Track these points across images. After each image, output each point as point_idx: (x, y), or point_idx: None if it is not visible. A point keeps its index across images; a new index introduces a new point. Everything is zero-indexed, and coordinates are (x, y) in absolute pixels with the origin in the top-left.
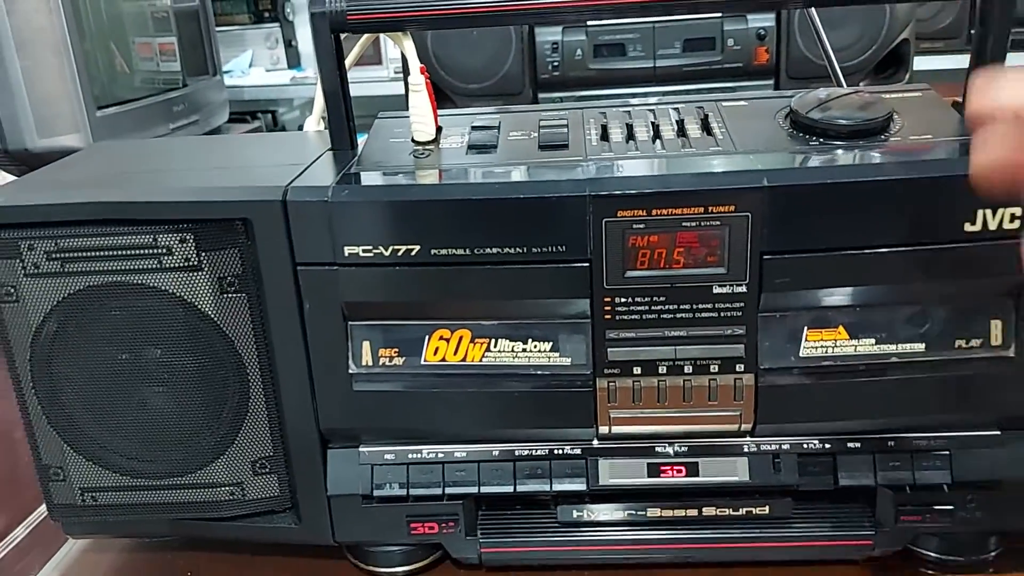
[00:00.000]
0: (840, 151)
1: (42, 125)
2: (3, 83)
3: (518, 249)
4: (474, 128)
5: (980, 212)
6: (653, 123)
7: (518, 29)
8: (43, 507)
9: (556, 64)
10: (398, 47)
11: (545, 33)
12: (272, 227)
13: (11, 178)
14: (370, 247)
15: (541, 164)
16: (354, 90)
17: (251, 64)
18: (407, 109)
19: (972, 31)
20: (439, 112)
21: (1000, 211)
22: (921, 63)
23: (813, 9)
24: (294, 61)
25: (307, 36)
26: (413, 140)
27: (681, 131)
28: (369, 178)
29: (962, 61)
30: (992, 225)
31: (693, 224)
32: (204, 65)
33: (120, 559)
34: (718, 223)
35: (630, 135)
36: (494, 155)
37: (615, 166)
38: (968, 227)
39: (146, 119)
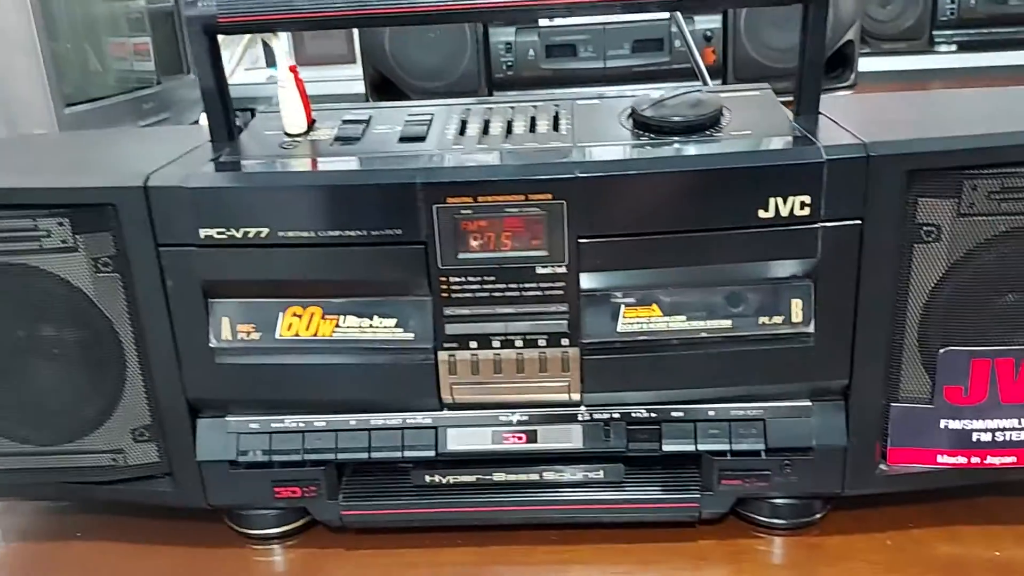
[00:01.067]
0: (665, 146)
1: (10, 122)
2: None
3: (358, 232)
4: (344, 121)
5: (772, 200)
6: (509, 120)
7: (473, 29)
8: None
9: (510, 64)
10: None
11: (499, 33)
12: (135, 211)
13: None
14: (224, 229)
15: (391, 154)
16: (326, 88)
17: (237, 63)
18: None
19: (933, 32)
20: (318, 106)
21: (791, 199)
22: (879, 64)
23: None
24: (272, 60)
25: (286, 35)
26: (285, 132)
27: (532, 127)
28: (227, 166)
29: (922, 62)
30: (784, 212)
31: (515, 210)
32: (178, 64)
33: (16, 521)
34: (538, 210)
35: (485, 130)
36: (355, 146)
37: (454, 157)
38: (762, 213)
39: (115, 116)
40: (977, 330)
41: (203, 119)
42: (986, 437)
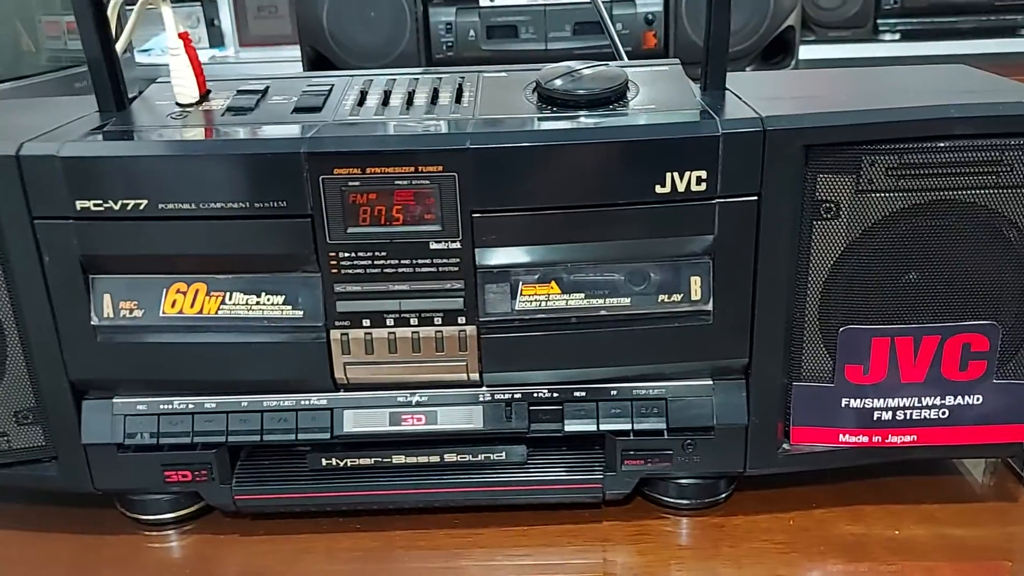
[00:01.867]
0: (566, 119)
1: None
2: None
3: (241, 204)
4: (239, 92)
5: (669, 175)
6: (411, 91)
7: (412, 9)
8: None
9: (450, 44)
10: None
11: (439, 13)
12: (8, 181)
13: None
14: (101, 201)
15: (283, 124)
16: (271, 69)
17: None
18: None
19: (877, 21)
20: (211, 77)
21: (687, 174)
22: (823, 51)
23: None
24: (216, 40)
25: (229, 15)
26: (176, 103)
27: (434, 99)
28: (110, 135)
29: (866, 50)
30: (680, 187)
31: (406, 183)
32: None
33: None
34: (429, 182)
35: (385, 101)
36: (247, 117)
37: (343, 127)
38: (659, 188)
39: (45, 93)
40: (877, 308)
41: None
42: (887, 416)
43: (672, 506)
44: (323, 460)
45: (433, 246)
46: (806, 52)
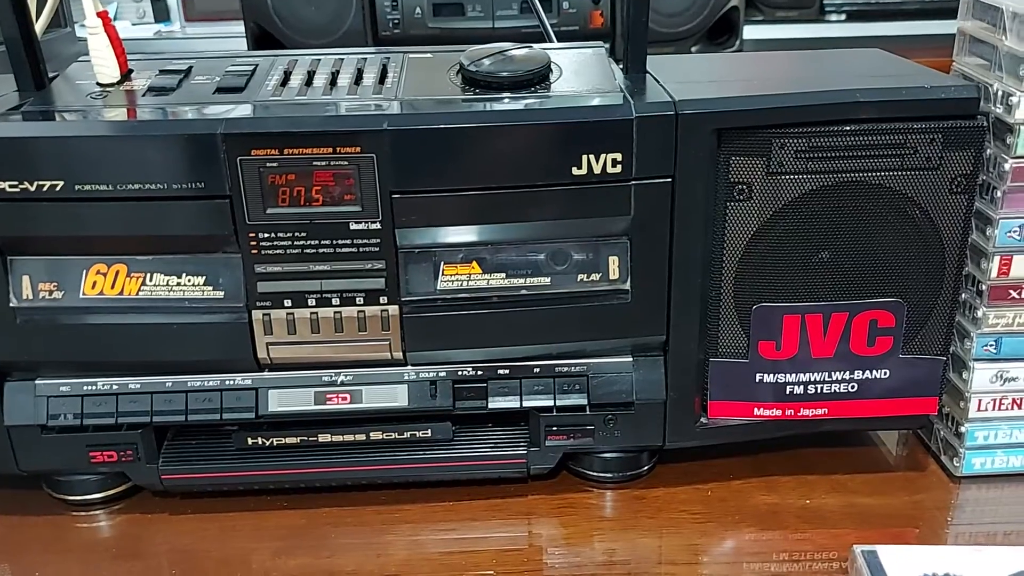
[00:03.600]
0: (486, 101)
1: None
2: None
3: (159, 185)
4: (161, 72)
5: (585, 157)
6: (335, 72)
7: None
8: None
9: (396, 22)
10: None
11: None
12: None
13: None
14: (15, 182)
15: (204, 105)
16: (216, 45)
17: (116, 17)
18: None
19: (823, 1)
20: (132, 56)
21: (603, 156)
22: (769, 32)
23: None
24: (161, 15)
25: None
26: (97, 82)
27: (358, 79)
28: (27, 115)
29: (812, 30)
30: (596, 169)
31: (324, 164)
32: (56, 18)
33: None
34: (347, 163)
35: (309, 81)
36: (168, 97)
37: (263, 108)
38: (575, 170)
39: None
40: (789, 286)
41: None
42: (799, 390)
43: (595, 480)
44: (248, 439)
45: (353, 227)
46: (752, 32)
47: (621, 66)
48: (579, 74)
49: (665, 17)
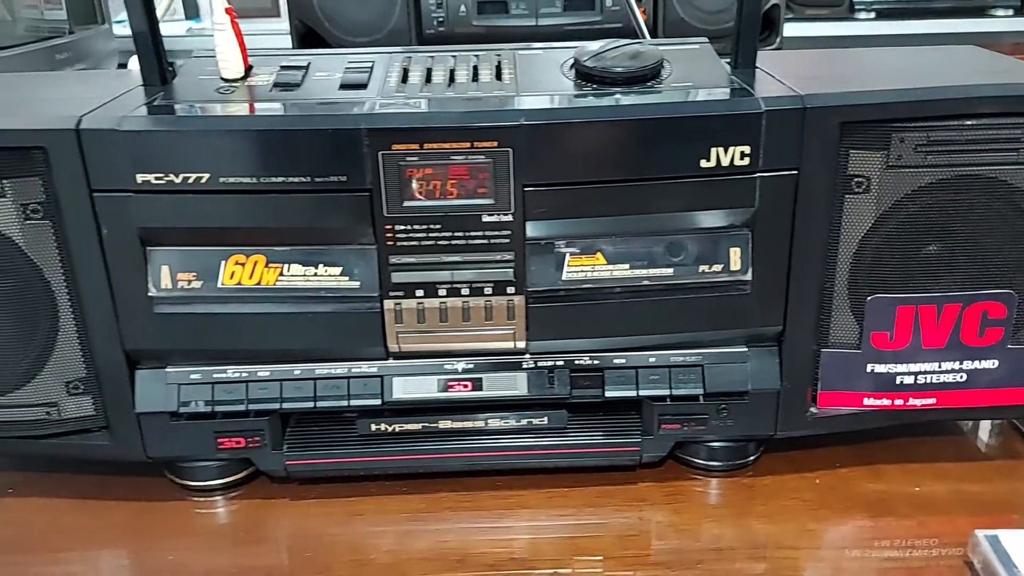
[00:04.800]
0: (608, 96)
1: None
2: None
3: (302, 178)
4: (283, 68)
5: (714, 149)
6: (452, 69)
7: None
8: None
9: (441, 20)
10: None
11: None
12: (67, 155)
13: None
14: (162, 175)
15: (333, 101)
16: (251, 43)
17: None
18: None
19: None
20: (261, 51)
21: (731, 149)
22: (801, 29)
23: None
24: (192, 12)
25: None
26: (221, 78)
27: (475, 76)
28: (165, 109)
29: (841, 28)
30: (724, 162)
31: (461, 158)
32: (92, 14)
33: None
34: (483, 157)
35: (428, 78)
36: (295, 92)
37: (398, 104)
38: (703, 163)
39: (26, 66)
40: (903, 278)
41: (132, 64)
42: (909, 380)
43: (703, 468)
44: (372, 426)
45: (486, 219)
46: (784, 30)
47: (726, 61)
48: (689, 69)
49: (707, 14)
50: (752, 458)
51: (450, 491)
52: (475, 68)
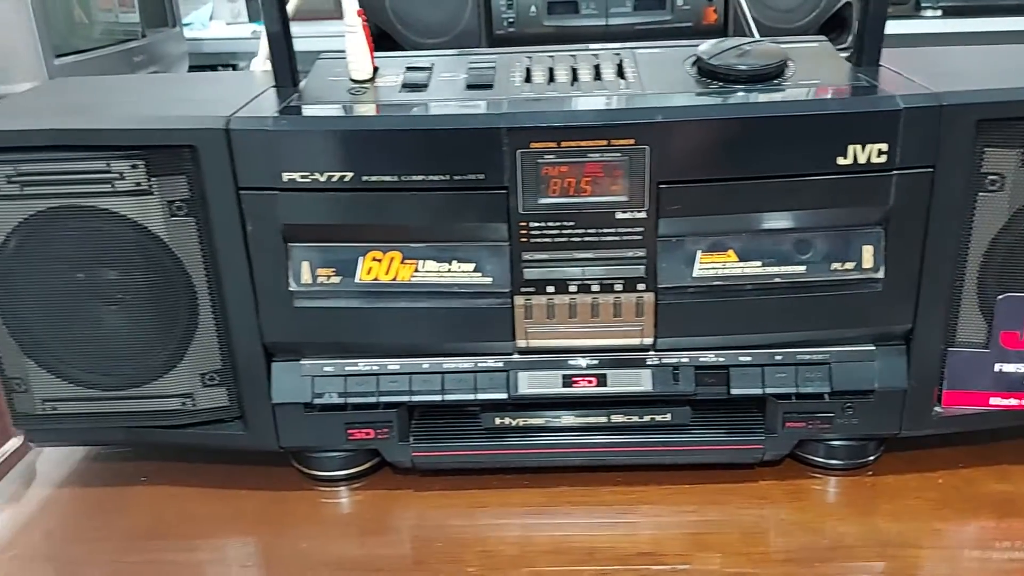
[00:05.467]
0: (735, 93)
1: (0, 72)
2: None
3: (442, 177)
4: (408, 68)
5: (851, 147)
6: (573, 67)
7: None
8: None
9: (511, 20)
10: None
11: None
12: (216, 153)
13: None
14: (307, 173)
15: (466, 100)
16: (315, 44)
17: (211, 17)
18: None
19: None
20: (377, 54)
21: (869, 146)
22: None
23: None
24: (255, 15)
25: None
26: (350, 79)
27: (597, 75)
28: (307, 110)
29: (907, 26)
30: (861, 159)
31: (597, 155)
32: (163, 17)
33: (79, 467)
34: (619, 154)
35: (551, 78)
36: (424, 93)
37: (532, 103)
38: (840, 160)
39: (104, 68)
40: None
41: (254, 65)
42: None
43: (822, 466)
44: (496, 420)
45: (619, 216)
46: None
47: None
48: (812, 67)
49: (779, 13)
50: (872, 457)
51: (570, 486)
52: (597, 67)
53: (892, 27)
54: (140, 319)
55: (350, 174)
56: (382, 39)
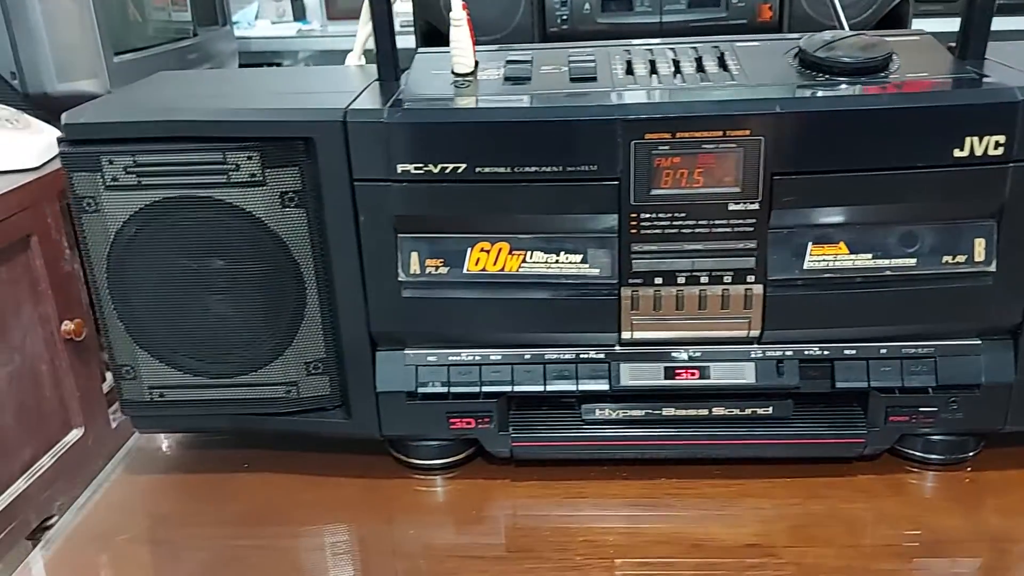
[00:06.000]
0: (843, 86)
1: (61, 70)
2: (25, 28)
3: (555, 168)
4: (509, 62)
5: (968, 139)
6: (674, 60)
7: None
8: (68, 438)
9: (565, 18)
10: None
11: None
12: (333, 146)
13: (37, 121)
14: (421, 165)
15: (574, 93)
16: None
17: (257, 16)
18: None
19: None
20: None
21: (986, 138)
22: (918, 25)
23: None
24: (299, 14)
25: None
26: (453, 72)
27: (700, 67)
28: (419, 103)
29: (957, 24)
30: (978, 151)
31: (712, 146)
32: (214, 15)
33: (180, 455)
34: (734, 145)
35: (653, 70)
36: (529, 86)
37: (643, 94)
38: (957, 152)
39: (161, 66)
40: None
41: (349, 60)
42: None
43: (920, 460)
44: (596, 411)
45: (732, 207)
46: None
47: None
48: (917, 60)
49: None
50: (972, 452)
51: (668, 478)
52: (699, 60)
53: (942, 25)
54: (248, 308)
55: (463, 165)
56: (434, 36)
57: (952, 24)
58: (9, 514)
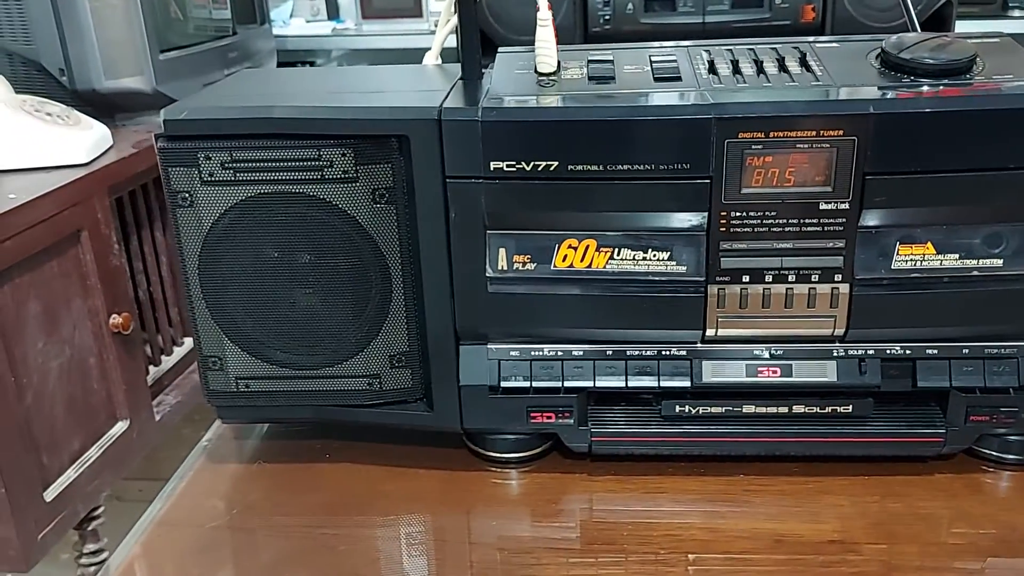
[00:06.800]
0: (927, 87)
1: (109, 66)
2: (74, 26)
3: (647, 166)
4: (591, 61)
5: None
6: (756, 60)
7: None
8: (114, 430)
9: (607, 17)
10: None
11: None
12: (427, 143)
13: (86, 117)
14: (513, 162)
15: (663, 92)
16: (393, 43)
17: (292, 15)
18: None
19: None
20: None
21: None
22: (958, 27)
23: None
24: (334, 12)
25: None
26: (536, 71)
27: (783, 67)
28: (510, 101)
29: (997, 26)
30: None
31: (805, 146)
32: (252, 14)
33: (261, 445)
34: (827, 145)
35: (736, 70)
36: (613, 85)
37: (734, 93)
38: None
39: (204, 64)
40: None
41: (427, 59)
42: None
43: (995, 460)
44: (677, 407)
45: (822, 207)
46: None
47: None
48: (1001, 62)
49: (878, 11)
50: None
51: (746, 475)
52: (781, 60)
53: (979, 26)
54: (335, 302)
55: (555, 163)
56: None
57: (991, 26)
58: (59, 504)
